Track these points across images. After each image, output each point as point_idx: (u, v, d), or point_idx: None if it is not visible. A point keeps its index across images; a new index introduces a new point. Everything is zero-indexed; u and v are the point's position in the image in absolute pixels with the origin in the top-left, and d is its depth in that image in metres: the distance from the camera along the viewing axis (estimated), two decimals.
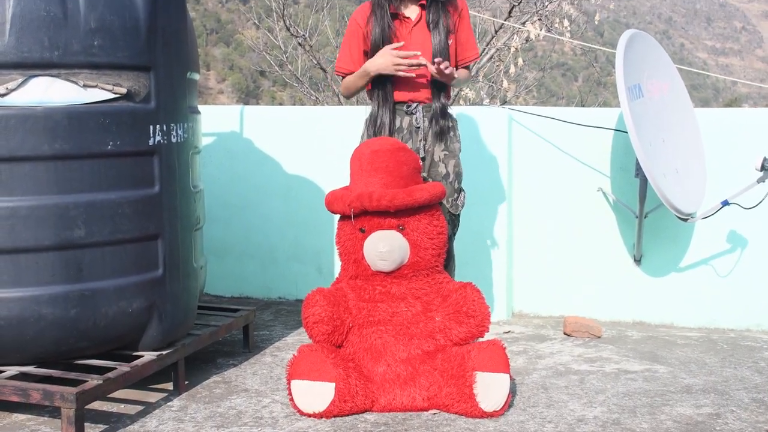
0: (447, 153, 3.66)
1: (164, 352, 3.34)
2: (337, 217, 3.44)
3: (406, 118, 3.64)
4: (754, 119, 4.61)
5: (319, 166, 5.01)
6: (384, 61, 3.51)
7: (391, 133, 3.62)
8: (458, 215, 3.75)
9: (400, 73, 3.50)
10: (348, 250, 3.37)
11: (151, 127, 3.19)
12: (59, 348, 3.11)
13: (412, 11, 3.64)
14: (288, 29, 11.80)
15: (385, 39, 3.57)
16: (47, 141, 2.95)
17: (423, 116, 3.63)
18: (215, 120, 5.12)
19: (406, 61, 3.49)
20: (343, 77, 3.77)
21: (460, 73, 3.70)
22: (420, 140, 3.63)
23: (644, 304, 4.64)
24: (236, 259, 5.25)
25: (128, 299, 3.16)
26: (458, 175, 3.69)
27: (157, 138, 3.22)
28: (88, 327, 3.08)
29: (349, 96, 3.83)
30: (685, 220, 4.25)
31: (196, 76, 3.70)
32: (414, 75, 3.55)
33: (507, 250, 4.76)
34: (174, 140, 3.32)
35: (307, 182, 5.04)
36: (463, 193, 3.73)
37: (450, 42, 3.62)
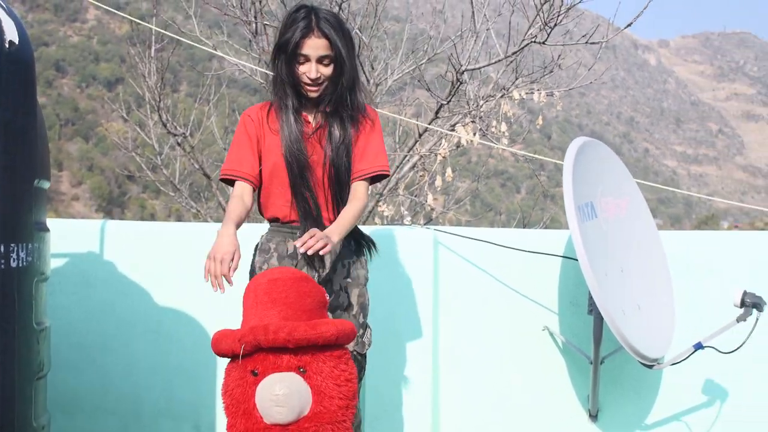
0: (349, 281, 3.75)
1: None
2: (224, 362, 3.41)
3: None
4: (732, 244, 4.71)
5: (200, 297, 4.90)
6: (218, 248, 3.34)
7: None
8: (365, 356, 3.78)
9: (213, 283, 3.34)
10: (237, 400, 3.32)
11: None
12: None
13: (313, 117, 3.71)
14: (164, 125, 11.68)
15: (296, 142, 3.60)
16: None
17: None
18: (69, 237, 5.08)
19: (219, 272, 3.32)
20: (231, 184, 3.73)
21: (344, 215, 3.56)
22: (313, 268, 3.69)
23: None
24: (89, 415, 5.12)
25: None
26: (363, 307, 3.76)
27: None
28: None
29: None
30: (651, 366, 4.27)
31: (46, 184, 3.68)
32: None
33: (432, 402, 4.76)
34: (13, 264, 3.28)
35: (185, 317, 4.99)
36: (369, 329, 3.79)
37: (345, 159, 3.65)
